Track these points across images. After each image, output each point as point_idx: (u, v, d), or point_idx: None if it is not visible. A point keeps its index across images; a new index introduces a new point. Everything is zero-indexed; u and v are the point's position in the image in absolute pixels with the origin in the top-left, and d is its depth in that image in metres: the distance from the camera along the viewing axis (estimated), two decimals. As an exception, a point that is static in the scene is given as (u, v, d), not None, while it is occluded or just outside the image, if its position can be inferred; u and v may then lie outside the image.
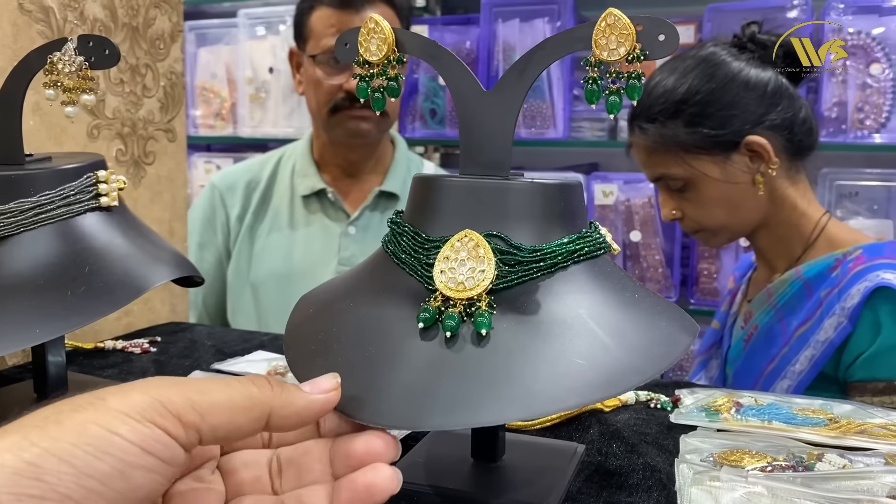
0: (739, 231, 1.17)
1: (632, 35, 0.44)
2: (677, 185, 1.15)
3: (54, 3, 0.81)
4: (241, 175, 1.54)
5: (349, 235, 1.43)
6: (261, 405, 0.35)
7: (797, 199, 1.13)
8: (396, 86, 0.51)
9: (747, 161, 1.10)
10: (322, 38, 1.38)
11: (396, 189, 1.46)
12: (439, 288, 0.44)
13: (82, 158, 0.64)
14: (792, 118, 1.10)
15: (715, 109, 1.08)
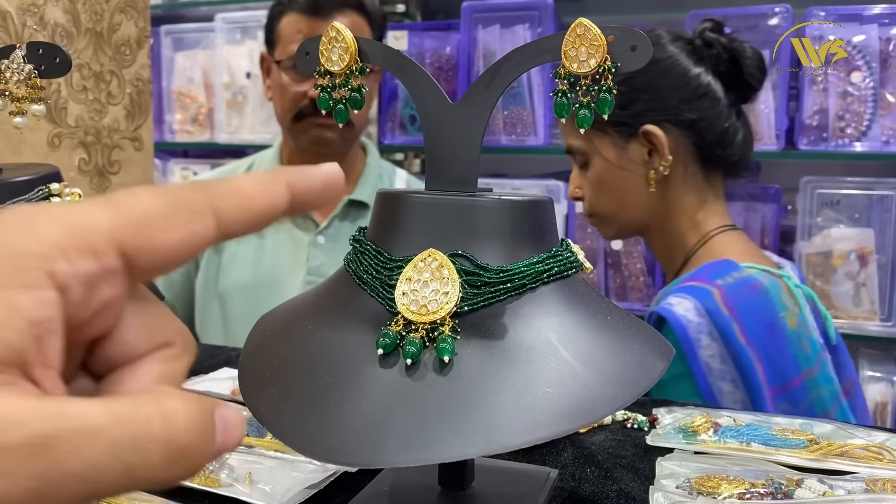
0: (626, 225, 1.11)
1: (602, 46, 0.42)
2: (580, 161, 1.09)
3: (12, 8, 0.78)
4: None
5: (318, 245, 1.41)
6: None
7: (694, 209, 1.06)
8: (360, 97, 0.49)
9: (645, 153, 1.03)
10: (289, 43, 1.36)
11: (366, 198, 1.44)
12: (401, 311, 0.41)
13: (35, 170, 0.61)
14: (708, 124, 1.03)
15: (626, 87, 1.01)
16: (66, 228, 0.22)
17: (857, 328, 1.69)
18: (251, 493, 0.52)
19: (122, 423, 0.21)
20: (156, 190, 0.24)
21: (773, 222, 1.80)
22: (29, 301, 0.21)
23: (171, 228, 0.24)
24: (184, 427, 0.22)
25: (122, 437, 0.21)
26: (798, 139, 1.72)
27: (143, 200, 0.23)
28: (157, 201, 0.24)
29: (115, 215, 0.23)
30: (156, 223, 0.23)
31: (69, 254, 0.22)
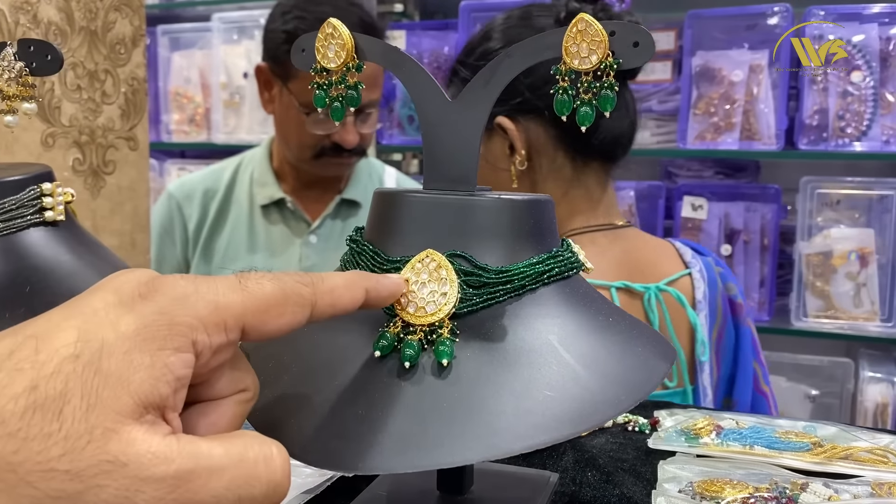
0: None
1: (604, 42, 0.41)
2: None
3: (5, 6, 0.77)
4: (198, 184, 1.50)
5: (310, 245, 1.40)
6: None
7: (560, 207, 0.92)
8: (356, 95, 0.48)
9: (506, 148, 0.95)
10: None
11: (358, 197, 1.44)
12: (398, 313, 0.40)
13: (26, 170, 0.60)
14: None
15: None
16: (210, 307, 0.29)
17: (858, 329, 1.69)
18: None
19: (239, 465, 0.28)
20: (276, 280, 0.32)
21: (773, 222, 1.79)
22: (177, 361, 0.28)
23: (281, 316, 0.31)
24: (279, 469, 0.30)
25: (238, 476, 0.28)
26: (798, 139, 1.71)
27: (266, 290, 0.31)
28: (276, 293, 0.31)
29: (246, 300, 0.30)
30: (271, 311, 0.31)
31: (209, 328, 0.29)
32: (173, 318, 0.28)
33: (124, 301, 0.29)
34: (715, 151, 1.80)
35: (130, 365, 0.27)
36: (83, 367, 0.26)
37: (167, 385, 0.28)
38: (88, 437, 0.26)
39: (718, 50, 1.77)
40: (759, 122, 1.73)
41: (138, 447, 0.26)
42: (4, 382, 0.26)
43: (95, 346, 0.27)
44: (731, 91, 1.75)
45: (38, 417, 0.25)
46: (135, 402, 0.27)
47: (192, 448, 0.27)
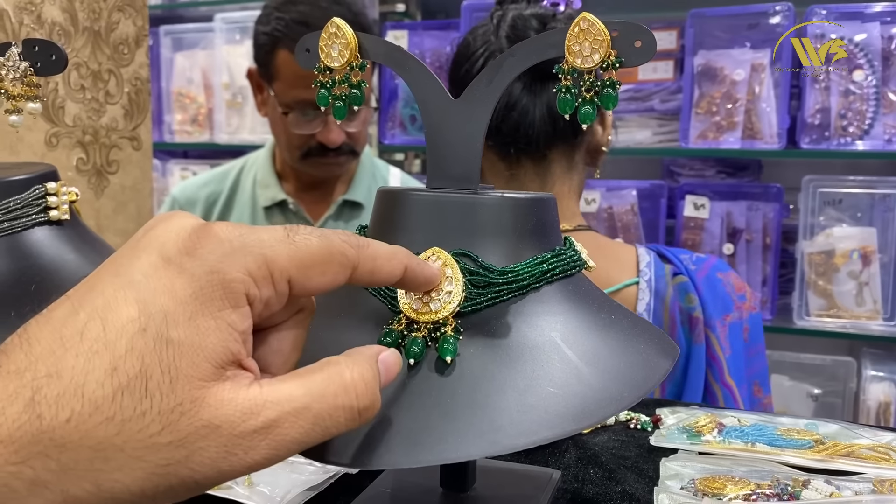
0: None
1: (606, 41, 0.41)
2: None
3: (9, 6, 0.77)
4: (200, 188, 1.50)
5: None
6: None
7: None
8: (359, 94, 0.48)
9: None
10: (291, 87, 1.30)
11: (361, 198, 1.43)
12: (403, 310, 0.41)
13: (31, 169, 0.60)
14: None
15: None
16: (259, 261, 0.30)
17: (860, 328, 1.69)
18: (250, 496, 0.51)
19: (321, 400, 0.30)
20: (322, 237, 0.32)
21: (776, 221, 1.79)
22: (238, 317, 0.30)
23: (324, 274, 0.32)
24: (359, 395, 0.31)
25: (322, 412, 0.30)
26: (800, 138, 1.71)
27: (312, 245, 0.31)
28: (322, 249, 0.32)
29: (293, 254, 0.31)
30: (316, 267, 0.32)
31: (258, 282, 0.30)
32: (225, 275, 0.29)
33: (171, 260, 0.29)
34: (717, 150, 1.80)
35: (198, 331, 0.28)
36: (153, 341, 0.27)
37: (236, 342, 0.29)
38: (181, 409, 0.27)
39: (720, 49, 1.77)
40: (761, 121, 1.73)
41: (226, 408, 0.28)
42: (86, 368, 0.27)
43: (159, 317, 0.28)
44: (732, 90, 1.75)
45: (128, 399, 0.27)
46: (213, 366, 0.28)
47: (275, 395, 0.29)
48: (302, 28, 1.26)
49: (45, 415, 0.26)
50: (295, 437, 0.30)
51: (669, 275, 0.97)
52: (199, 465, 0.28)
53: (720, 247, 1.82)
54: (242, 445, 0.28)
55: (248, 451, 0.29)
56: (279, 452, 0.29)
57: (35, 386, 0.26)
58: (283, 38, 1.28)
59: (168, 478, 0.27)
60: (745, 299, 1.01)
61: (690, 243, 1.83)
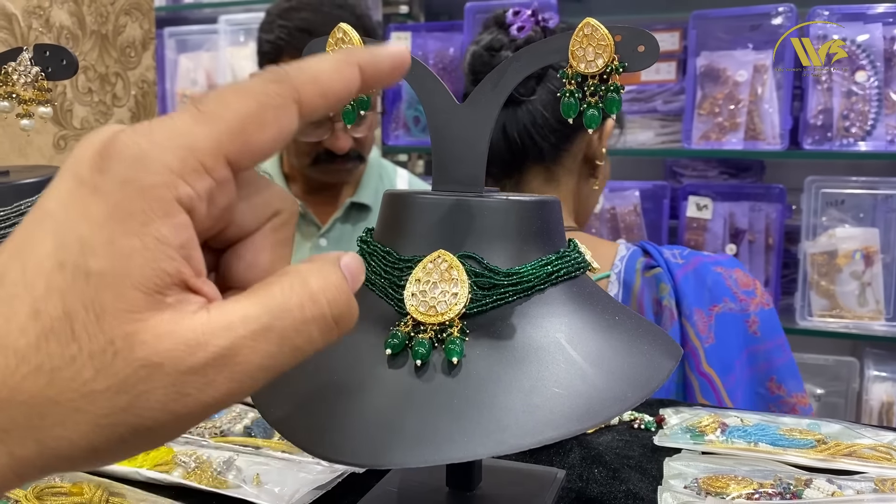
0: None
1: (610, 46, 0.42)
2: None
3: (18, 11, 0.78)
4: None
5: (320, 248, 1.40)
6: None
7: None
8: (366, 98, 0.49)
9: None
10: None
11: (368, 200, 1.43)
12: (410, 311, 0.41)
13: (41, 172, 0.61)
14: None
15: None
16: (177, 154, 0.24)
17: (863, 328, 1.69)
18: (259, 495, 0.52)
19: (282, 317, 0.25)
20: (240, 90, 0.26)
21: (778, 222, 1.79)
22: (169, 230, 0.24)
23: (264, 127, 0.26)
24: (330, 302, 0.26)
25: (286, 329, 0.25)
26: (802, 139, 1.71)
27: (232, 106, 0.25)
28: (246, 103, 0.25)
29: (214, 128, 0.25)
30: (249, 127, 0.25)
31: (187, 177, 0.24)
32: (142, 182, 0.24)
33: (84, 180, 0.24)
34: (719, 151, 1.81)
35: (120, 256, 0.24)
36: (72, 276, 0.24)
37: (171, 260, 0.24)
38: (112, 349, 0.23)
39: (723, 50, 1.77)
40: (764, 122, 1.74)
41: (166, 342, 0.24)
42: (7, 314, 0.24)
43: (75, 247, 0.24)
44: (735, 91, 1.75)
45: (55, 344, 0.23)
46: (143, 294, 0.24)
47: (225, 319, 0.25)
48: (305, 35, 1.27)
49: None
50: (259, 362, 0.25)
51: (641, 267, 1.01)
52: (147, 411, 0.24)
53: (723, 247, 1.82)
54: (194, 383, 0.24)
55: (204, 389, 0.24)
56: (243, 384, 0.25)
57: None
58: (287, 46, 1.29)
59: (116, 428, 0.24)
60: (755, 294, 1.03)
61: (693, 244, 1.84)
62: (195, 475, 0.55)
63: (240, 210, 0.28)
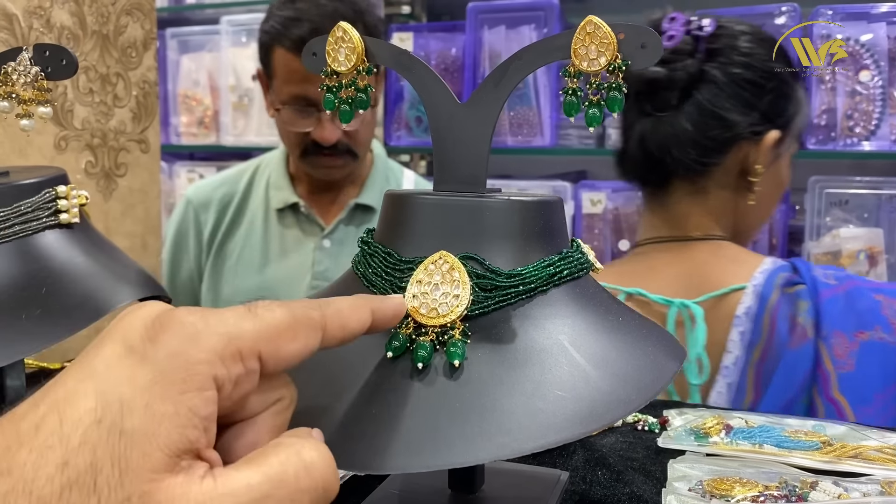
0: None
1: (613, 44, 0.42)
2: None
3: (18, 11, 0.78)
4: (215, 189, 1.50)
5: (324, 249, 1.40)
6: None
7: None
8: (365, 98, 0.49)
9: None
10: (285, 84, 1.31)
11: (372, 202, 1.42)
12: (411, 313, 0.41)
13: (42, 173, 0.61)
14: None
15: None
16: (224, 339, 0.29)
17: (867, 328, 1.68)
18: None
19: (280, 486, 0.28)
20: (284, 306, 0.31)
21: (782, 222, 1.79)
22: (201, 402, 0.28)
23: (293, 341, 0.31)
24: (321, 474, 0.30)
25: (283, 497, 0.28)
26: (806, 139, 1.71)
27: (276, 316, 0.31)
28: (286, 317, 0.31)
29: (258, 328, 0.30)
30: (283, 336, 0.31)
31: (225, 361, 0.29)
32: (188, 358, 0.28)
33: (134, 349, 0.28)
34: (723, 151, 1.80)
35: (154, 418, 0.26)
36: (107, 432, 0.26)
37: (195, 429, 0.27)
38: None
39: (726, 50, 1.76)
40: (767, 122, 1.73)
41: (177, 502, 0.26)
42: (38, 463, 0.25)
43: (115, 406, 0.26)
44: (738, 91, 1.74)
45: (76, 495, 0.25)
46: (166, 455, 0.26)
47: (230, 486, 0.27)
48: (295, 24, 1.27)
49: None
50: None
51: (781, 282, 0.98)
52: None
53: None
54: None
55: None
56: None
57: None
58: (278, 35, 1.29)
59: None
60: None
61: (696, 244, 1.83)
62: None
63: (249, 397, 0.31)
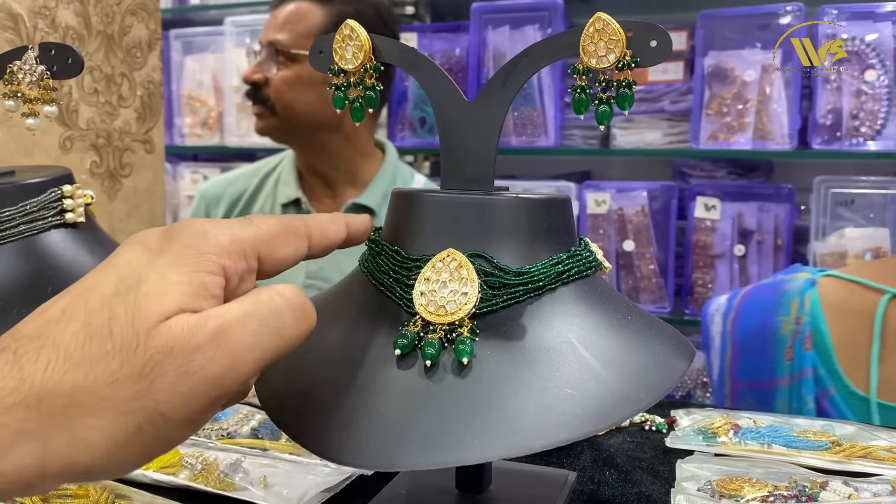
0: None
1: (622, 41, 0.41)
2: None
3: (24, 11, 0.78)
4: (227, 186, 1.52)
5: None
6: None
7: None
8: (374, 95, 0.48)
9: None
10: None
11: (373, 203, 1.40)
12: (419, 311, 0.41)
13: (47, 172, 0.61)
14: None
15: None
16: (229, 238, 0.34)
17: (873, 329, 1.68)
18: (266, 497, 0.51)
19: (259, 305, 0.32)
20: (275, 217, 0.37)
21: (787, 222, 1.78)
22: (212, 281, 0.32)
23: (286, 245, 0.36)
24: (294, 295, 0.34)
25: (263, 313, 0.32)
26: (811, 139, 1.70)
27: (270, 224, 0.36)
28: (279, 225, 0.36)
29: (257, 232, 0.35)
30: (277, 240, 0.36)
31: (231, 255, 0.33)
32: (200, 248, 0.32)
33: (151, 247, 0.32)
34: (728, 151, 1.80)
35: (168, 284, 0.31)
36: (124, 294, 0.30)
37: (205, 300, 0.31)
38: (136, 340, 0.29)
39: (731, 50, 1.76)
40: (772, 122, 1.73)
41: (175, 330, 0.30)
42: (64, 328, 0.30)
43: (133, 279, 0.31)
44: (743, 91, 1.74)
45: (96, 343, 0.29)
46: (177, 306, 0.30)
47: (216, 310, 0.31)
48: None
49: (25, 366, 0.28)
50: (247, 340, 0.31)
51: None
52: (160, 394, 0.29)
53: (731, 248, 1.81)
54: (197, 360, 0.30)
55: (205, 365, 0.30)
56: (235, 360, 0.31)
57: (17, 346, 0.29)
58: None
59: (135, 416, 0.29)
60: None
61: (702, 244, 1.83)
62: (202, 477, 0.54)
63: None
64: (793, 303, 0.93)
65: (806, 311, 0.92)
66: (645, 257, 1.87)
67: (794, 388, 0.90)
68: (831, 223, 1.73)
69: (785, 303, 0.93)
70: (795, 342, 0.91)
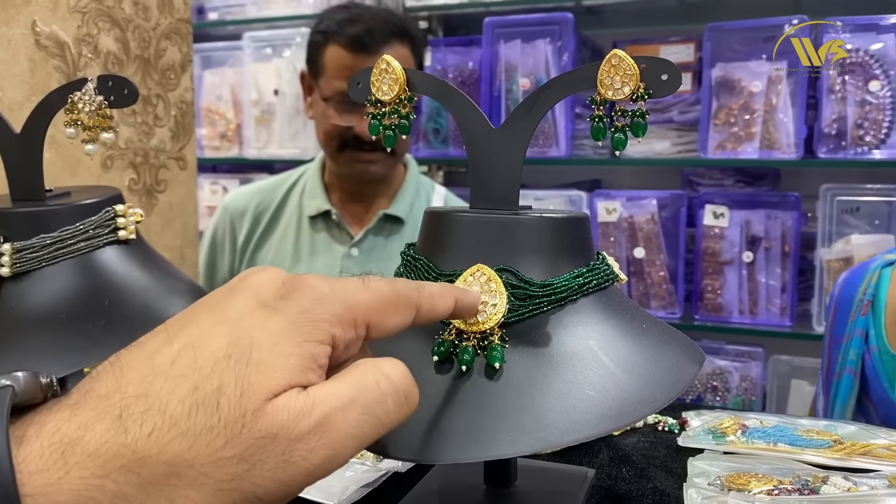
0: None
1: (636, 75, 0.46)
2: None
3: (69, 38, 0.82)
4: (251, 198, 1.55)
5: (352, 257, 1.44)
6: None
7: None
8: (407, 124, 0.53)
9: None
10: (335, 79, 1.36)
11: (402, 213, 1.46)
12: (453, 321, 0.45)
13: (100, 193, 0.65)
14: None
15: None
16: (344, 305, 0.33)
17: (879, 333, 1.71)
18: (310, 491, 0.56)
19: (365, 390, 0.32)
20: (391, 283, 0.36)
21: (794, 229, 1.82)
22: (321, 352, 0.32)
23: (395, 315, 0.36)
24: (399, 379, 0.34)
25: (369, 401, 0.32)
26: (817, 147, 1.74)
27: (385, 290, 0.35)
28: (393, 293, 0.36)
29: (370, 299, 0.35)
30: (388, 310, 0.35)
31: (343, 324, 0.33)
32: (315, 315, 0.32)
33: (267, 303, 0.32)
34: (735, 161, 1.84)
35: (280, 355, 0.31)
36: (236, 362, 0.30)
37: (313, 372, 0.32)
38: (243, 421, 0.29)
39: (737, 61, 1.80)
40: (779, 132, 1.76)
41: (281, 415, 0.29)
42: (172, 389, 0.29)
43: (246, 343, 0.31)
44: (750, 101, 1.78)
45: (202, 414, 0.29)
46: (283, 383, 0.30)
47: (322, 393, 0.31)
48: (351, 24, 1.34)
49: (130, 429, 0.28)
50: (349, 431, 0.31)
51: None
52: (259, 479, 0.29)
53: (740, 255, 1.85)
54: (299, 450, 0.30)
55: (306, 456, 0.30)
56: (336, 451, 0.31)
57: (123, 405, 0.29)
58: (334, 33, 1.35)
59: (232, 494, 0.29)
60: None
61: (711, 251, 1.87)
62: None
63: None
64: (867, 277, 1.03)
65: (872, 284, 1.03)
66: (655, 264, 1.91)
67: (847, 345, 1.02)
68: (837, 230, 1.76)
69: (864, 276, 1.05)
70: (858, 307, 1.02)
